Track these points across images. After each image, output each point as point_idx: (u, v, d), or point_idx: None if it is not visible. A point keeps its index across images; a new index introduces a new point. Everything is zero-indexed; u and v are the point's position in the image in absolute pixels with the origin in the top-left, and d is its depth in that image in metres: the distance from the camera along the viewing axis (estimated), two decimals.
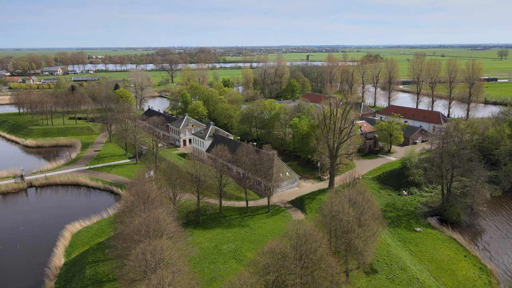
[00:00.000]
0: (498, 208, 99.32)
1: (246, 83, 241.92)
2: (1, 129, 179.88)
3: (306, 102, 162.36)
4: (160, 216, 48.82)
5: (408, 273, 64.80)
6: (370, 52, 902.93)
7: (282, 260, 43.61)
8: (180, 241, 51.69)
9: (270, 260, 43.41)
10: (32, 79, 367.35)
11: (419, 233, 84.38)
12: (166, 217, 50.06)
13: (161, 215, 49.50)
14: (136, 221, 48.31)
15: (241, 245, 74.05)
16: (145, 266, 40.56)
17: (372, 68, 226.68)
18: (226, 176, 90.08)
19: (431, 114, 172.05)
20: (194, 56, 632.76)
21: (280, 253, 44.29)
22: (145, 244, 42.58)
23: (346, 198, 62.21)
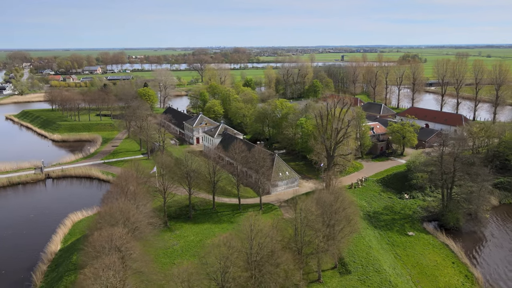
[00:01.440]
0: (504, 216, 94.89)
1: (268, 83, 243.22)
2: (34, 124, 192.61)
3: (321, 102, 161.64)
4: (124, 206, 51.78)
5: (382, 275, 64.07)
6: (410, 52, 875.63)
7: (228, 252, 45.05)
8: (146, 232, 54.41)
9: (216, 251, 45.03)
10: (72, 78, 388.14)
11: (411, 237, 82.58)
12: (132, 208, 52.99)
13: (126, 205, 52.46)
14: (103, 210, 51.62)
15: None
16: (97, 251, 43.54)
17: (395, 69, 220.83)
18: (221, 172, 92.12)
19: (453, 116, 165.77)
20: (228, 56, 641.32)
21: (225, 245, 45.78)
22: (103, 231, 45.61)
23: (315, 199, 62.54)
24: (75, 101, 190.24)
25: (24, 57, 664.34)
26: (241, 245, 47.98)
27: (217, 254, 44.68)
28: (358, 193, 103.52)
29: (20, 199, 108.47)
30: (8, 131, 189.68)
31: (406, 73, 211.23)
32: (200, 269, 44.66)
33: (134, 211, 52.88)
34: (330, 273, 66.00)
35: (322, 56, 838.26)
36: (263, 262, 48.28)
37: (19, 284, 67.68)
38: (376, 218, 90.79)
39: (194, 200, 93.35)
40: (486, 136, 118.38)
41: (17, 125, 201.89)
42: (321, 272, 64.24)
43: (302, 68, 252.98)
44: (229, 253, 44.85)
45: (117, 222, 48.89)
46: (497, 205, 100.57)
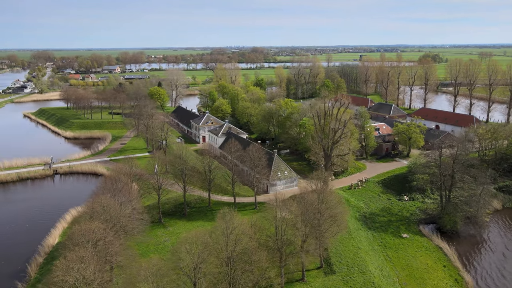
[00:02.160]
0: (505, 221, 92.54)
1: (279, 82, 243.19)
2: (49, 121, 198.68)
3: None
4: (107, 202, 53.38)
5: (366, 276, 63.72)
6: (431, 52, 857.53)
7: (199, 248, 45.91)
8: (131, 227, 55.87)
9: (187, 247, 45.93)
10: (91, 77, 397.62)
11: (404, 240, 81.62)
12: (114, 203, 54.53)
13: (108, 201, 54.06)
14: (86, 204, 53.40)
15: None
16: (74, 244, 45.18)
17: (408, 69, 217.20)
18: (218, 170, 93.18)
19: (464, 118, 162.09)
20: (245, 56, 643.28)
21: (197, 241, 46.66)
22: (81, 224, 47.26)
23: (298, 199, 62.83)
24: (88, 99, 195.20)
25: (48, 56, 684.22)
26: (215, 242, 48.72)
27: (189, 250, 45.61)
28: (357, 194, 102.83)
29: (27, 194, 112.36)
30: (24, 128, 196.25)
31: (418, 73, 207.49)
32: (171, 264, 45.69)
33: (115, 207, 54.42)
34: (315, 273, 66.06)
35: (340, 56, 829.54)
36: (237, 259, 48.92)
37: (15, 275, 70.38)
38: (372, 220, 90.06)
39: (191, 198, 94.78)
40: (493, 138, 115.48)
41: (34, 122, 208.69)
42: (305, 271, 64.40)
43: (314, 68, 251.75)
44: (200, 249, 45.72)
45: (99, 217, 50.52)
46: (500, 209, 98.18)
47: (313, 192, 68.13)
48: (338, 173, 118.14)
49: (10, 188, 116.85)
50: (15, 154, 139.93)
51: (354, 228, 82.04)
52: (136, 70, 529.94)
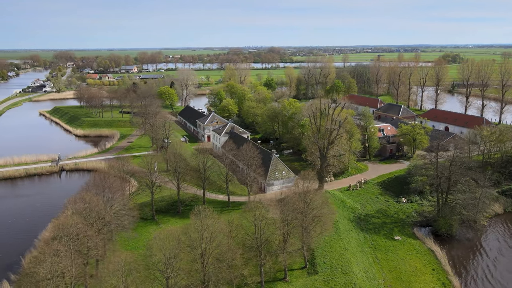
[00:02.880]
0: (505, 225, 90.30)
1: (289, 82, 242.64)
2: (62, 119, 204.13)
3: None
4: (90, 198, 54.98)
5: (348, 277, 63.39)
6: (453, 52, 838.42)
7: (170, 245, 46.83)
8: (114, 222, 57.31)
9: (159, 244, 46.91)
10: (107, 76, 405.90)
11: (396, 242, 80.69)
12: (95, 199, 56.10)
13: (91, 197, 55.66)
14: (67, 201, 55.19)
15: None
16: (53, 238, 46.79)
17: (419, 69, 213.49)
18: (213, 168, 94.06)
19: (474, 119, 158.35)
20: (261, 56, 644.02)
21: (171, 237, 47.56)
22: (60, 219, 48.90)
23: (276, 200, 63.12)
24: (99, 98, 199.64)
25: (70, 56, 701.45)
26: (188, 239, 49.55)
27: (161, 246, 46.59)
28: (355, 195, 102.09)
29: (33, 189, 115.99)
30: (38, 126, 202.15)
31: (430, 74, 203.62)
32: (142, 259, 46.77)
33: (98, 203, 55.93)
34: (298, 273, 66.15)
35: (358, 56, 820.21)
36: (210, 257, 49.65)
37: (10, 267, 72.87)
38: (366, 221, 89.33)
39: (186, 196, 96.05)
40: (498, 140, 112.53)
41: (48, 120, 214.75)
42: (287, 271, 64.60)
43: (325, 68, 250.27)
44: (171, 245, 46.61)
45: (80, 212, 52.14)
46: (501, 213, 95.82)
47: (300, 192, 68.12)
48: (338, 173, 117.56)
49: (18, 183, 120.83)
50: (26, 151, 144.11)
51: (345, 229, 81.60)
52: (153, 70, 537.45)
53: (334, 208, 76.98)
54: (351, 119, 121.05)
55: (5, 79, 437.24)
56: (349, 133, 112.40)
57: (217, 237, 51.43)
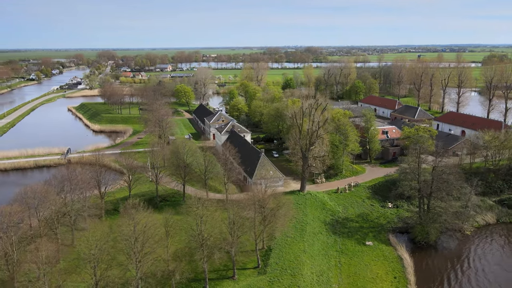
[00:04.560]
0: (493, 236, 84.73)
1: (308, 82, 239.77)
2: (85, 115, 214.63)
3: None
4: (39, 189, 58.22)
5: (294, 279, 62.45)
6: (503, 52, 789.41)
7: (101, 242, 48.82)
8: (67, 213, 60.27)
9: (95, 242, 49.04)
10: (141, 75, 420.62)
11: (366, 247, 78.29)
12: (44, 191, 59.27)
13: (41, 188, 58.87)
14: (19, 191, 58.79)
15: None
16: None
17: (441, 70, 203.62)
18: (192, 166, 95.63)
19: (492, 123, 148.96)
20: (294, 55, 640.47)
21: (98, 232, 49.47)
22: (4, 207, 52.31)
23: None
24: (119, 95, 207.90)
25: (112, 56, 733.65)
26: (118, 234, 51.27)
27: (92, 244, 48.77)
28: (341, 198, 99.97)
29: (38, 179, 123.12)
30: (63, 121, 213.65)
31: (452, 75, 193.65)
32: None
33: (47, 194, 59.07)
34: (250, 272, 66.09)
35: (397, 56, 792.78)
36: (140, 250, 51.20)
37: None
38: (343, 225, 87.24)
39: (168, 192, 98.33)
40: (502, 146, 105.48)
41: (74, 115, 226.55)
42: (235, 269, 64.77)
43: (345, 68, 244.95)
44: (97, 239, 48.56)
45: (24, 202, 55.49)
46: (493, 223, 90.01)
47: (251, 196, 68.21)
48: (331, 175, 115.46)
49: (28, 173, 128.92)
50: (43, 144, 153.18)
51: (313, 231, 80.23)
52: (186, 68, 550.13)
53: (292, 211, 76.28)
54: (346, 119, 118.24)
55: (48, 77, 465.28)
56: (344, 134, 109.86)
57: (150, 232, 52.87)
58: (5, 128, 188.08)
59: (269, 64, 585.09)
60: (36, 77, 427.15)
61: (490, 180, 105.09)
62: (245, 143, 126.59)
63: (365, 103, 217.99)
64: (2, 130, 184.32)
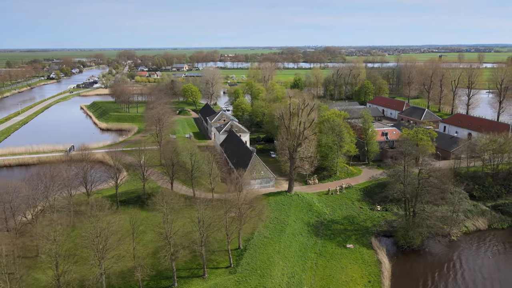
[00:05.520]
0: (481, 243, 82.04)
1: (316, 83, 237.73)
2: (95, 113, 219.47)
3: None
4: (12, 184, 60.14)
5: (262, 280, 62.19)
6: None
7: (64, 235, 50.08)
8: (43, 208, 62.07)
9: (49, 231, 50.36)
10: (156, 74, 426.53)
11: (346, 250, 77.27)
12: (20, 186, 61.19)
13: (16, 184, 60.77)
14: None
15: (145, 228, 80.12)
16: None
17: (451, 71, 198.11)
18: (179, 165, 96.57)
19: (499, 126, 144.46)
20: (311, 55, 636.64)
21: (57, 227, 50.72)
22: None
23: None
24: (128, 94, 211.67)
25: (132, 55, 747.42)
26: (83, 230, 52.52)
27: (47, 234, 50.08)
28: (331, 200, 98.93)
29: None
30: (75, 118, 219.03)
31: (462, 76, 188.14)
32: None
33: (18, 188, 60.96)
34: (221, 271, 66.21)
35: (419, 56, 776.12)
36: (106, 251, 52.43)
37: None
38: (327, 227, 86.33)
39: (159, 189, 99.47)
40: (499, 150, 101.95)
41: (85, 113, 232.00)
42: (205, 268, 65.05)
43: (354, 69, 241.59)
44: (57, 234, 49.78)
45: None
46: (485, 229, 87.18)
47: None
48: (324, 177, 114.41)
49: (31, 169, 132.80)
50: (50, 141, 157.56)
51: (294, 232, 79.65)
52: (203, 68, 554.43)
53: (266, 212, 76.19)
54: (340, 120, 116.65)
55: (68, 75, 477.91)
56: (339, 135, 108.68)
57: (113, 229, 54.00)
58: (17, 125, 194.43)
59: (285, 64, 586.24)
60: (55, 76, 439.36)
61: (488, 185, 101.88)
62: (241, 143, 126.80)
63: (373, 104, 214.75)
64: (14, 127, 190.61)
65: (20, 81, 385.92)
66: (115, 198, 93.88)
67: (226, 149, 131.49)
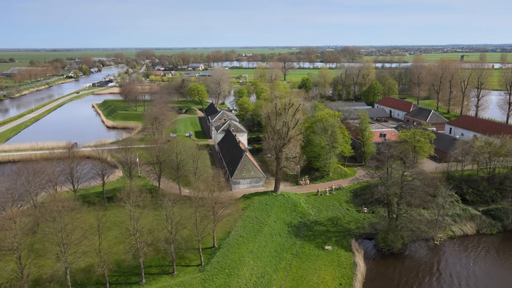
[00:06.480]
0: (465, 249, 79.71)
1: (323, 83, 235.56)
2: (104, 111, 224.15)
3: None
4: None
5: (227, 279, 62.27)
6: None
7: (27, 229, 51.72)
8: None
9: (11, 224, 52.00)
10: (171, 73, 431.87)
11: (323, 252, 76.55)
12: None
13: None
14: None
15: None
16: None
17: (459, 72, 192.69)
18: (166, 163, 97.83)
19: (505, 128, 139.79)
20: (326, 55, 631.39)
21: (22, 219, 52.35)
22: None
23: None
24: (134, 93, 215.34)
25: (152, 55, 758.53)
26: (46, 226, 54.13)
27: (8, 226, 51.72)
28: (319, 201, 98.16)
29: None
30: (85, 116, 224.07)
31: (471, 76, 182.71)
32: None
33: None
34: (191, 269, 66.69)
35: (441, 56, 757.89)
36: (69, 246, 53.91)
37: None
38: (309, 228, 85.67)
39: (150, 187, 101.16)
40: (493, 153, 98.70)
41: (95, 112, 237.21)
42: (175, 265, 65.74)
43: (363, 69, 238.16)
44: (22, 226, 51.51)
45: None
46: (472, 234, 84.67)
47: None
48: (316, 177, 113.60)
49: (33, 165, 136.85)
50: (58, 137, 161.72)
51: (272, 233, 79.42)
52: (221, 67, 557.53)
53: (239, 212, 76.40)
54: (334, 120, 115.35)
55: (86, 74, 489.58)
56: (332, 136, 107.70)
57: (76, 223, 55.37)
58: (29, 122, 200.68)
59: (301, 64, 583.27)
60: (74, 74, 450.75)
61: (482, 189, 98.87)
62: (235, 142, 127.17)
63: (381, 104, 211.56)
64: (25, 124, 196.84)
65: (40, 80, 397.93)
66: (104, 194, 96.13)
67: (222, 148, 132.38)
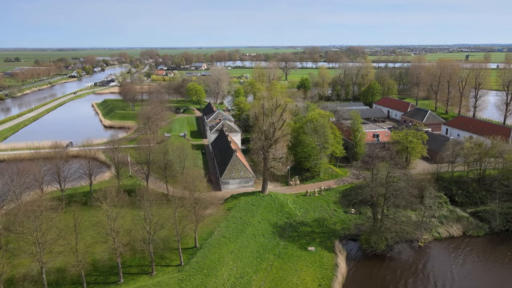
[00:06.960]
0: (450, 252, 79.08)
1: (322, 83, 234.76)
2: (102, 111, 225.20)
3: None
4: None
5: (205, 279, 62.28)
6: None
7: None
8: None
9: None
10: (173, 73, 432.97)
11: (306, 253, 76.39)
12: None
13: None
14: None
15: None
16: None
17: (457, 72, 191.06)
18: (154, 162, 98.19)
19: (500, 129, 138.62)
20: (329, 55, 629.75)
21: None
22: None
23: None
24: (132, 93, 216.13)
25: (156, 54, 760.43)
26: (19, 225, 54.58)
27: None
28: (307, 202, 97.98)
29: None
30: (84, 115, 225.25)
31: (469, 77, 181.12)
32: None
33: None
34: (171, 269, 66.90)
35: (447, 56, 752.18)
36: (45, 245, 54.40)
37: None
38: (295, 229, 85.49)
39: (139, 186, 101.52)
40: (483, 154, 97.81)
41: (94, 111, 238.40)
42: (154, 265, 65.95)
43: (362, 69, 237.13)
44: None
45: None
46: (458, 236, 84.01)
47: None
48: (307, 178, 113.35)
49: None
50: (53, 137, 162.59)
51: (255, 233, 79.34)
52: (221, 67, 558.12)
53: (220, 212, 76.45)
54: (325, 120, 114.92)
55: (89, 74, 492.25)
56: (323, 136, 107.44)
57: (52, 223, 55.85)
58: (27, 122, 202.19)
59: (304, 64, 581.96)
60: (77, 74, 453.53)
61: (472, 190, 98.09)
62: (227, 142, 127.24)
63: (379, 105, 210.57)
64: (24, 123, 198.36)
65: (43, 79, 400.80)
66: (92, 194, 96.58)
67: (214, 149, 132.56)
